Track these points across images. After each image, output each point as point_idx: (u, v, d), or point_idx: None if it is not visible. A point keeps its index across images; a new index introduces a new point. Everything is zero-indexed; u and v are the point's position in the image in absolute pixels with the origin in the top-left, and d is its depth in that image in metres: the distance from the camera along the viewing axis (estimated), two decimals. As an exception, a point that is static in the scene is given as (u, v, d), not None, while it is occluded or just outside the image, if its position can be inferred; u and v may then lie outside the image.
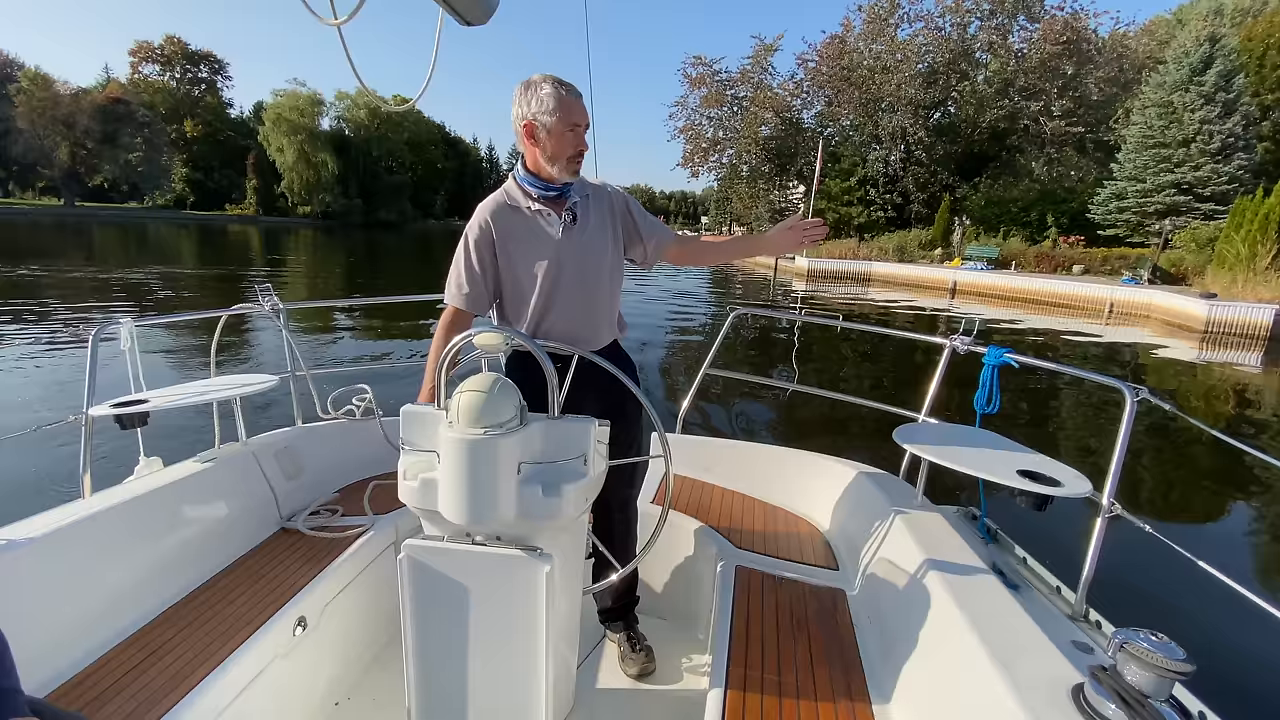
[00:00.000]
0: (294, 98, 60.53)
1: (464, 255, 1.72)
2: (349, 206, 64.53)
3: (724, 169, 38.94)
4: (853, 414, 6.35)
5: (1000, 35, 29.91)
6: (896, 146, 31.58)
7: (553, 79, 1.60)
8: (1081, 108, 28.99)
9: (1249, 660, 2.96)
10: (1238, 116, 21.38)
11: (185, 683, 1.37)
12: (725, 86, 36.16)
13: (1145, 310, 15.55)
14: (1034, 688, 1.08)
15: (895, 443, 1.81)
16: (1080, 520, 1.53)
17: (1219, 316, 13.35)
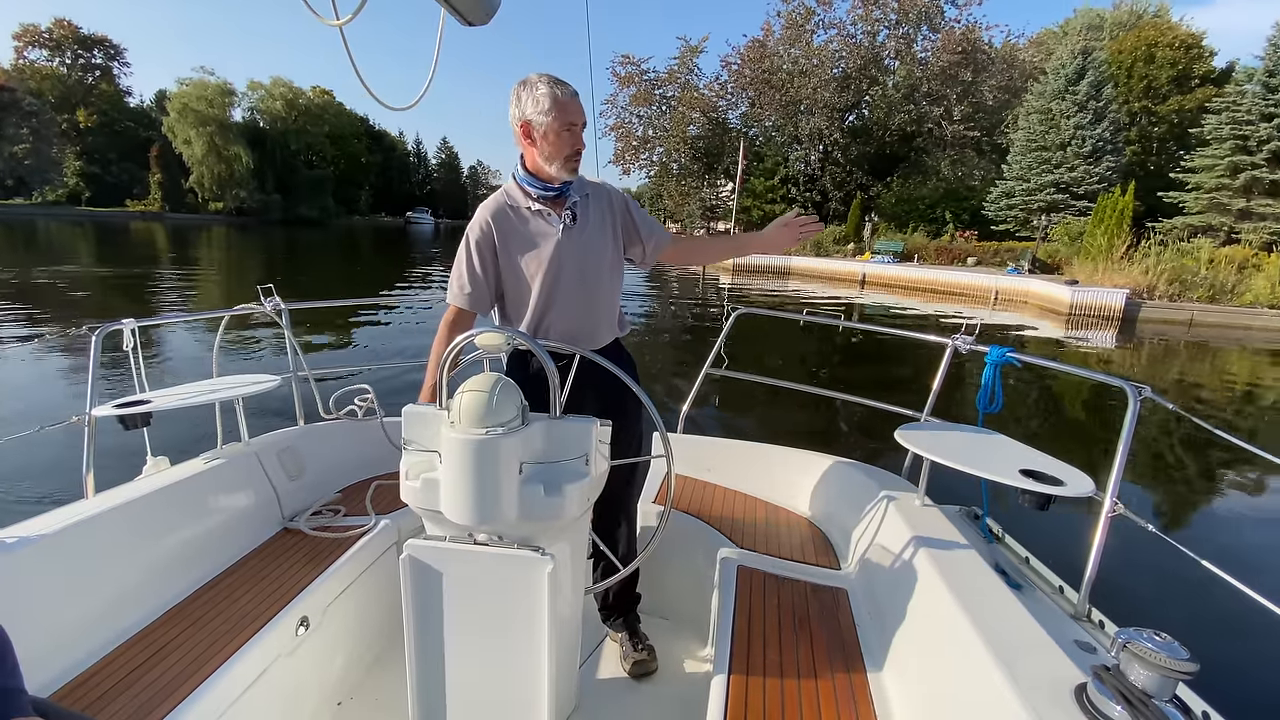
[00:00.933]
0: (201, 86, 56.88)
1: (465, 255, 1.73)
2: (266, 202, 61.30)
3: (655, 167, 39.66)
4: (854, 413, 6.37)
5: (905, 44, 31.92)
6: (815, 147, 33.20)
7: (548, 78, 1.60)
8: (978, 113, 31.34)
9: (1253, 660, 2.94)
10: (1107, 122, 23.86)
11: (188, 682, 1.37)
12: (653, 86, 36.83)
13: (1024, 297, 17.28)
14: (1037, 687, 1.08)
15: (897, 442, 1.81)
16: (1083, 520, 1.50)
17: (1080, 300, 15.08)
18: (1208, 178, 19.83)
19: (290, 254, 30.05)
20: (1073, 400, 8.17)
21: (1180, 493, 5.29)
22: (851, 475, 2.22)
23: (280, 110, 63.34)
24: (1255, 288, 14.97)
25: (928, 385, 2.25)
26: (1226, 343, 13.26)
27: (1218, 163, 19.58)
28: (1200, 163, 20.21)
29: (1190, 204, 20.36)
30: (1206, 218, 19.62)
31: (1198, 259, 16.13)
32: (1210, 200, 19.67)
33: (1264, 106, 18.80)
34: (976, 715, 1.15)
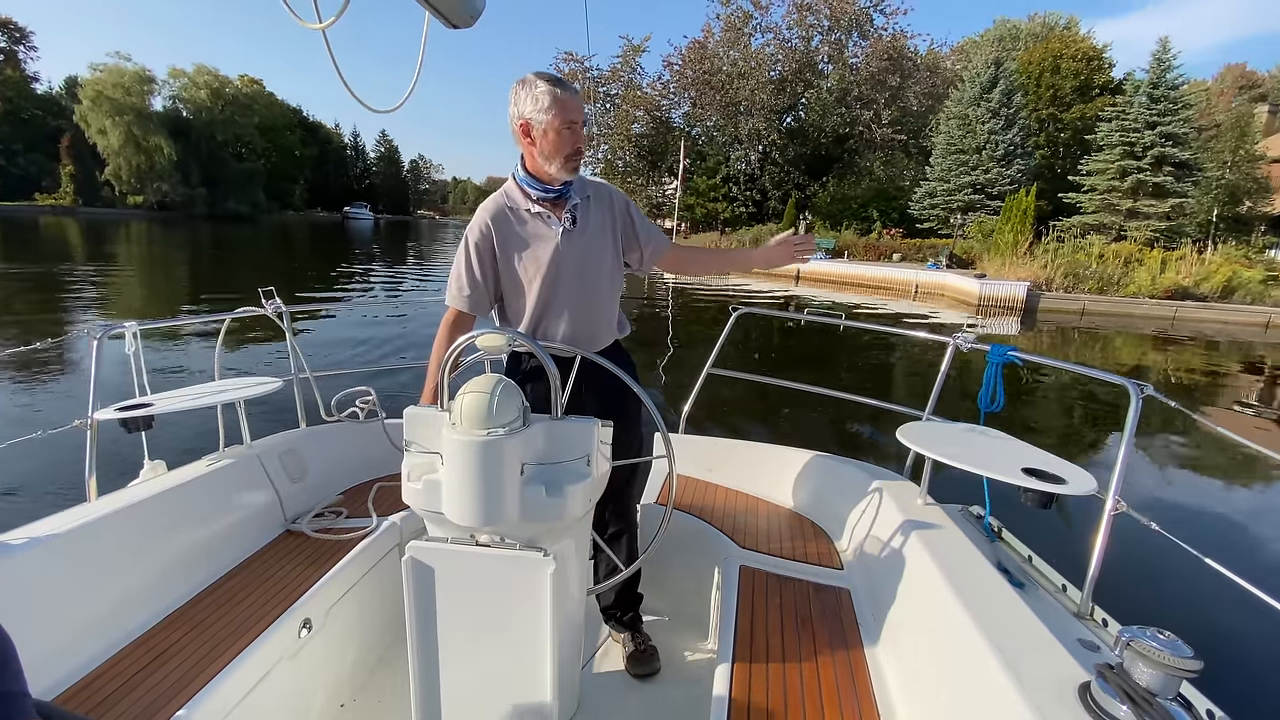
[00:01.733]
0: (117, 73, 53.44)
1: (464, 257, 1.72)
2: (190, 196, 58.16)
3: (599, 164, 40.00)
4: (856, 413, 6.39)
5: (837, 49, 33.36)
6: (755, 147, 34.28)
7: (548, 76, 1.59)
8: (905, 117, 33.09)
9: (1257, 658, 2.94)
10: (1017, 128, 25.73)
11: (191, 685, 1.37)
12: (597, 84, 37.13)
13: (940, 289, 18.62)
14: (1040, 686, 1.08)
15: (899, 441, 1.81)
16: (1085, 518, 1.50)
17: (988, 292, 16.46)
18: (1100, 180, 21.80)
19: (218, 251, 28.78)
20: (1076, 398, 8.17)
21: (1183, 490, 5.28)
22: (853, 474, 2.21)
23: (205, 99, 60.19)
24: (1138, 280, 16.70)
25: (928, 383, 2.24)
26: (1113, 329, 14.79)
27: (1109, 166, 21.55)
28: (1094, 166, 22.17)
29: (1086, 204, 22.32)
30: (1099, 217, 21.59)
31: (1090, 254, 17.83)
32: (1103, 201, 21.65)
33: (1148, 116, 20.83)
34: (980, 715, 1.14)
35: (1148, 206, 20.65)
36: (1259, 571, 1.22)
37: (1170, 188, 20.72)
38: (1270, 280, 16.73)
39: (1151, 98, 21.00)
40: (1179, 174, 20.96)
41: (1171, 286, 16.32)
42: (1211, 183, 22.04)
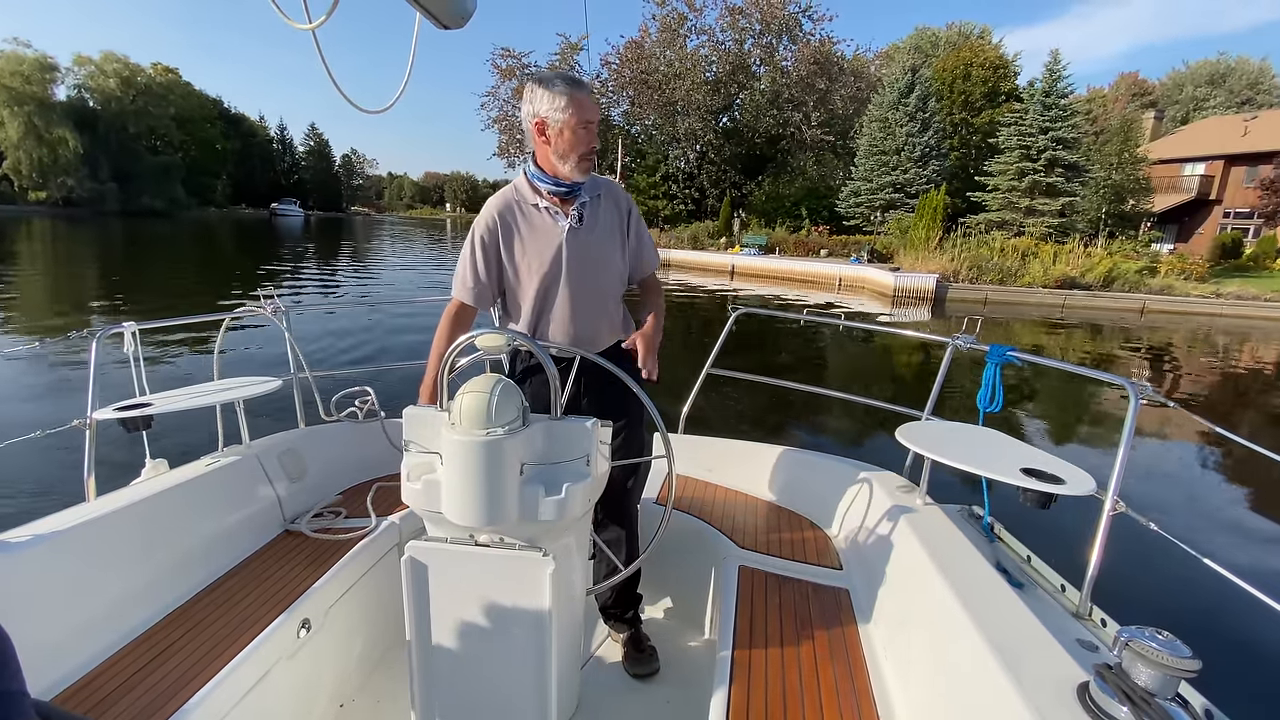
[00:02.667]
0: (14, 60, 49.40)
1: (470, 250, 1.73)
2: (100, 191, 54.40)
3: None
4: (855, 413, 6.39)
5: (769, 53, 34.62)
6: (692, 146, 35.17)
7: (565, 76, 1.60)
8: (833, 119, 34.71)
9: (1255, 658, 2.96)
10: (932, 131, 27.54)
11: (190, 685, 1.37)
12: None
13: (861, 282, 19.92)
14: (1039, 686, 1.08)
15: (898, 441, 1.81)
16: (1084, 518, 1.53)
17: (901, 284, 17.80)
18: (1002, 180, 23.75)
19: (132, 249, 27.18)
20: (1075, 398, 8.23)
21: (1182, 491, 5.28)
22: (852, 475, 2.23)
23: (115, 89, 56.43)
24: (1032, 271, 18.42)
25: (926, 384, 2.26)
26: (1012, 316, 16.29)
27: (1009, 168, 23.52)
28: (997, 168, 24.12)
29: (990, 202, 24.27)
30: (1002, 214, 23.54)
31: (992, 248, 19.51)
32: (1004, 199, 23.61)
33: (1042, 121, 22.84)
34: (979, 714, 1.14)
35: (1042, 205, 22.70)
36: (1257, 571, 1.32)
37: (1061, 187, 22.84)
38: (1145, 271, 18.81)
39: (1044, 105, 23.05)
40: (1069, 175, 23.12)
41: (1061, 277, 18.10)
42: (1099, 183, 24.34)
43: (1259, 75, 47.50)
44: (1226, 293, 18.30)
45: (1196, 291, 18.29)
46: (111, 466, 1.93)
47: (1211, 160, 30.82)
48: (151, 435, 2.04)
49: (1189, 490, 5.35)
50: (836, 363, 10.52)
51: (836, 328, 2.94)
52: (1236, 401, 9.45)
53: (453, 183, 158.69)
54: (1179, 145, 33.75)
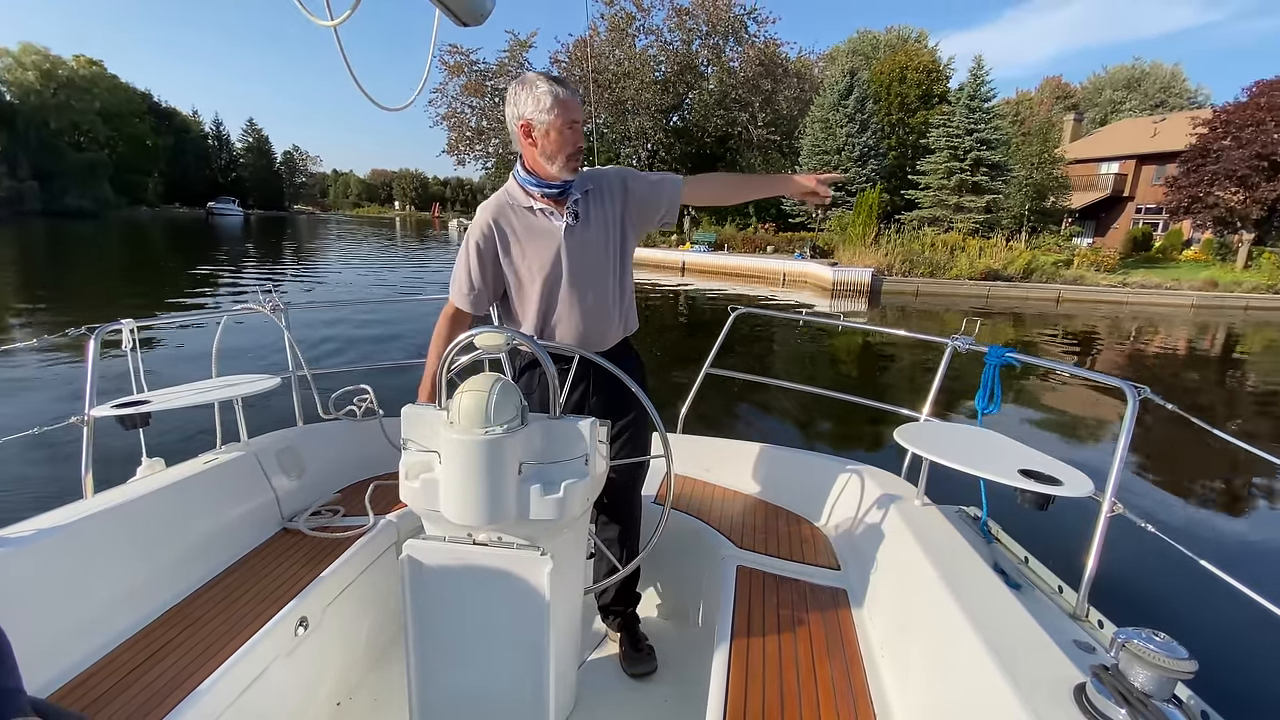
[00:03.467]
0: (-86, 48, 46.09)
1: (465, 256, 1.73)
2: (19, 190, 51.18)
3: (491, 158, 39.83)
4: (853, 413, 6.40)
5: (716, 54, 35.38)
6: (643, 145, 35.65)
7: (548, 76, 1.59)
8: (779, 119, 35.72)
9: (1252, 660, 2.98)
10: (870, 132, 28.79)
11: (187, 683, 1.37)
12: (484, 77, 36.96)
13: (804, 277, 20.85)
14: (1036, 687, 1.08)
15: (896, 442, 1.81)
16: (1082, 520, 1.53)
17: (840, 278, 18.76)
18: (933, 179, 25.14)
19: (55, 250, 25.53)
20: (1073, 400, 8.25)
21: (1179, 493, 5.28)
22: (851, 475, 2.23)
23: (34, 82, 53.17)
24: (960, 265, 19.65)
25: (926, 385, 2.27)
26: (941, 307, 17.38)
27: (939, 167, 24.90)
28: (928, 167, 25.49)
29: (923, 200, 25.63)
30: (933, 211, 24.92)
31: (923, 243, 20.71)
32: (935, 197, 25.01)
33: (968, 123, 24.25)
34: (975, 715, 1.15)
35: (969, 202, 24.15)
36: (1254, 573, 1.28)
37: (986, 186, 24.34)
38: (1060, 263, 20.29)
39: (969, 108, 24.48)
40: (993, 174, 24.64)
41: (986, 270, 19.38)
42: (1021, 181, 25.97)
43: (1171, 80, 51.03)
44: (1132, 282, 19.96)
45: (1105, 281, 19.88)
46: (109, 464, 1.94)
47: (1125, 160, 33.17)
48: (149, 432, 2.04)
49: (1186, 492, 5.31)
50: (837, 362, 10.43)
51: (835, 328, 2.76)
52: (1155, 381, 10.35)
53: (401, 180, 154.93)
54: (1096, 146, 36.15)
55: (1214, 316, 18.47)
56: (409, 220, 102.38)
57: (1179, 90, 49.92)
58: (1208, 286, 20.11)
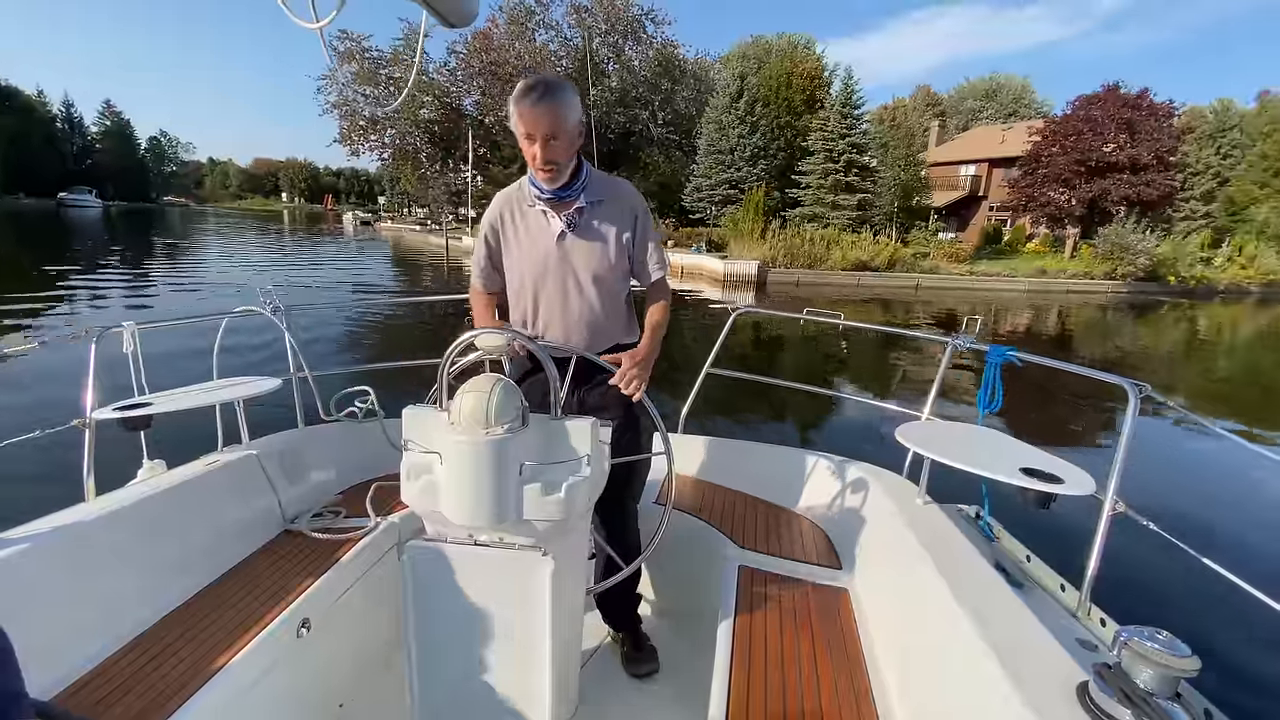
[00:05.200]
0: None
1: (481, 242, 1.82)
2: None
3: (387, 149, 38.58)
4: (855, 412, 6.42)
5: (616, 52, 36.21)
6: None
7: (522, 84, 1.58)
8: (678, 118, 37.05)
9: (1255, 658, 2.97)
10: (760, 134, 30.65)
11: (189, 685, 1.37)
12: (378, 65, 35.75)
13: (699, 269, 22.30)
14: (1038, 686, 1.08)
15: (898, 441, 1.81)
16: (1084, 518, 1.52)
17: (730, 270, 20.33)
18: (813, 179, 27.33)
19: None
20: (1074, 398, 8.32)
21: (1181, 491, 5.30)
22: (852, 474, 2.24)
23: None
24: (834, 258, 21.76)
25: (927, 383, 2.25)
26: (819, 295, 19.19)
27: (817, 168, 27.10)
28: (808, 168, 27.66)
29: (805, 198, 27.79)
30: (813, 209, 27.10)
31: (803, 238, 22.65)
32: (815, 196, 27.20)
33: (841, 128, 26.57)
34: (978, 714, 1.15)
35: (843, 200, 26.52)
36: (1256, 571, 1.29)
37: (858, 186, 26.80)
38: (919, 255, 22.90)
39: (842, 114, 26.82)
40: (863, 175, 27.14)
41: (856, 261, 21.57)
42: (889, 182, 28.75)
43: (1021, 92, 57.31)
44: (978, 271, 22.91)
45: (956, 271, 22.70)
46: (110, 466, 1.94)
47: (980, 163, 37.27)
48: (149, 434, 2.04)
49: (1188, 490, 5.33)
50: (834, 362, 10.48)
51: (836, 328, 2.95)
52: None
53: (289, 170, 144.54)
54: (957, 150, 40.32)
55: (1043, 299, 21.66)
56: (299, 213, 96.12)
57: (1028, 101, 56.18)
58: (1038, 274, 23.48)
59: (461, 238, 28.55)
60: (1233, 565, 1.36)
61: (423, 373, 1.83)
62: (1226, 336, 17.34)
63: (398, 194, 56.45)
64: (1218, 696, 1.13)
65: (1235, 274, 28.66)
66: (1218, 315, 21.12)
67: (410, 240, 40.19)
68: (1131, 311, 20.58)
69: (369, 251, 31.95)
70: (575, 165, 1.70)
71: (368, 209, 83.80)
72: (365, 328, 10.77)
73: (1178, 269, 26.19)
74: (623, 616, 2.07)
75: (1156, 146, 26.41)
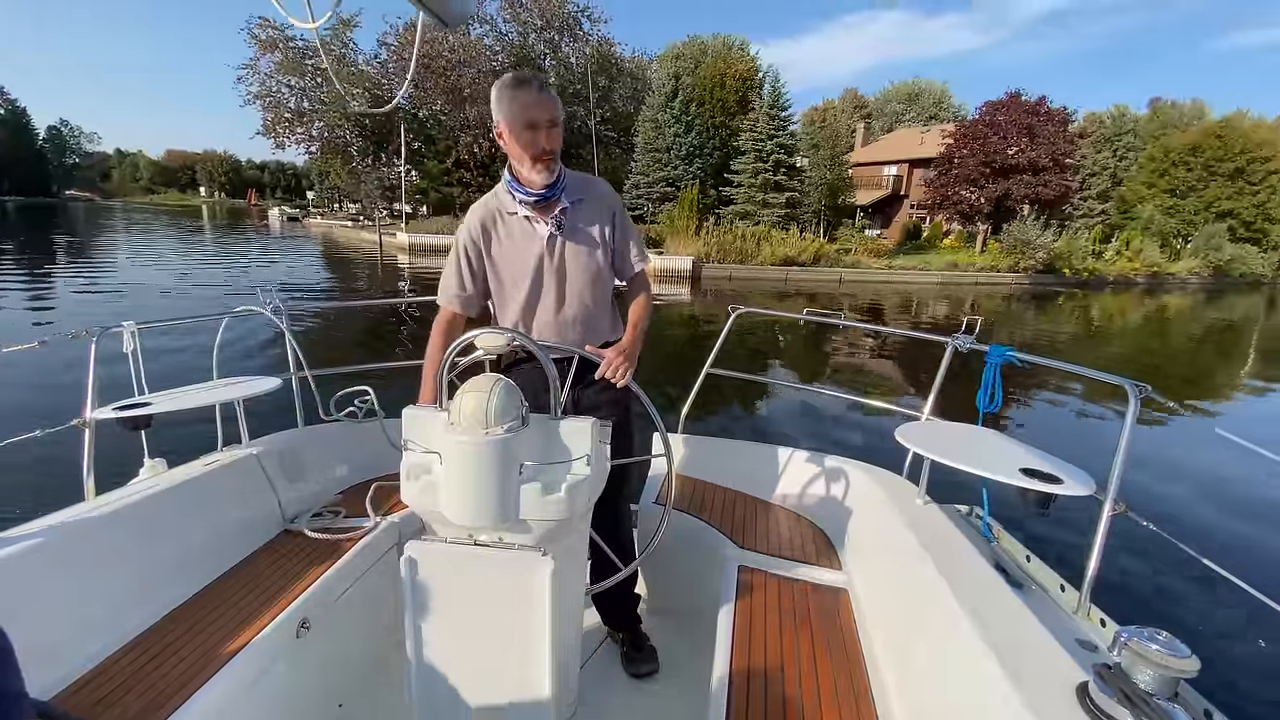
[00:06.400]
0: None
1: (455, 259, 1.74)
2: None
3: (315, 142, 37.27)
4: (854, 412, 6.43)
5: (552, 48, 36.24)
6: (484, 135, 35.51)
7: (516, 77, 1.57)
8: (616, 116, 37.44)
9: (1254, 658, 2.97)
10: (695, 133, 31.45)
11: (189, 685, 1.37)
12: (303, 55, 34.49)
13: (636, 265, 22.82)
14: (1038, 686, 1.08)
15: (897, 441, 1.81)
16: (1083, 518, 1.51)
17: (665, 265, 21.08)
18: (745, 178, 28.38)
19: None
20: (1074, 398, 8.31)
21: (1182, 491, 5.30)
22: (852, 474, 2.25)
23: None
24: (764, 253, 22.78)
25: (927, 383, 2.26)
26: (750, 289, 20.11)
27: (748, 167, 28.18)
28: (740, 167, 28.71)
29: (737, 197, 28.83)
30: (745, 207, 28.20)
31: (735, 235, 23.59)
32: (746, 195, 28.28)
33: (770, 129, 27.69)
34: (977, 714, 1.15)
35: (772, 199, 27.71)
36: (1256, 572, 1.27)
37: (786, 185, 28.03)
38: (842, 251, 24.25)
39: (769, 115, 27.96)
40: (790, 174, 28.40)
41: (784, 257, 22.66)
42: (815, 181, 30.15)
43: (941, 96, 60.57)
44: (895, 265, 24.44)
45: (876, 265, 24.16)
46: (110, 466, 1.95)
47: (901, 163, 39.44)
48: (149, 433, 2.05)
49: (1188, 490, 5.32)
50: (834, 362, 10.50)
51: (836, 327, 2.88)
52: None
53: (207, 163, 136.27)
54: (881, 151, 42.48)
55: (954, 291, 23.37)
56: (219, 209, 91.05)
57: (947, 105, 59.44)
58: (950, 268, 25.24)
59: (396, 234, 28.04)
60: (1232, 566, 1.36)
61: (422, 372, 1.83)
62: (1117, 322, 19.15)
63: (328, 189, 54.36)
64: (1218, 697, 1.12)
65: (1123, 266, 31.66)
66: (1108, 304, 23.28)
67: (342, 237, 39.03)
68: (1033, 301, 22.51)
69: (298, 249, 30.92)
70: None
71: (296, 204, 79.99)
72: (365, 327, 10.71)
73: (1072, 262, 28.71)
74: (622, 616, 2.07)
75: (1053, 150, 28.78)
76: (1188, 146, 38.16)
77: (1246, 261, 36.54)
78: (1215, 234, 35.27)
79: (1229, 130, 38.32)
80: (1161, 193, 37.98)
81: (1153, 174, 38.72)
